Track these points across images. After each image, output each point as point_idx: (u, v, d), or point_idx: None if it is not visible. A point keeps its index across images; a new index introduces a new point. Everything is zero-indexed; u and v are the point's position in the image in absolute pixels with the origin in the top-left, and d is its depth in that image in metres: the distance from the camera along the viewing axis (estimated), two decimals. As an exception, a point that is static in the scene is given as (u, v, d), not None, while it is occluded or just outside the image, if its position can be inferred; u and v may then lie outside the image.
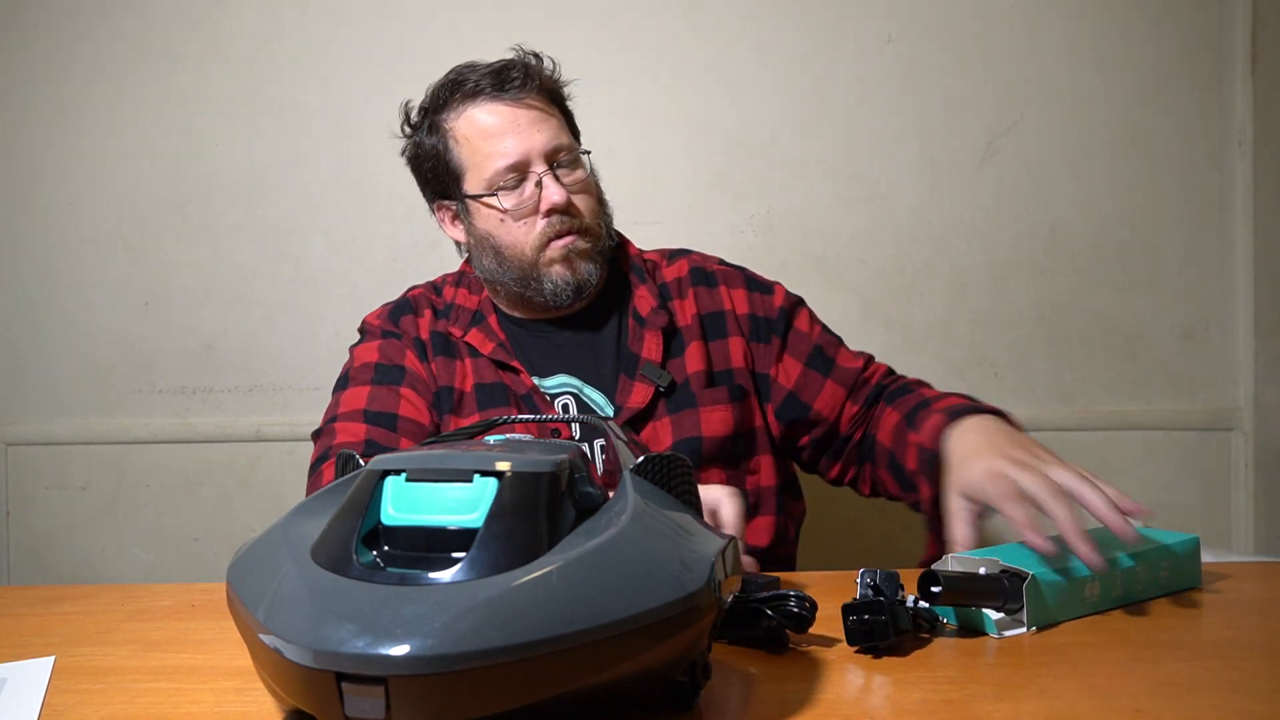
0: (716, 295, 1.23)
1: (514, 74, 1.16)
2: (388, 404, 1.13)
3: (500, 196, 1.14)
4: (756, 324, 1.22)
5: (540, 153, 1.14)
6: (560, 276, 1.15)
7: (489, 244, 1.17)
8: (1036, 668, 0.68)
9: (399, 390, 1.15)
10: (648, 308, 1.19)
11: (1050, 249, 1.75)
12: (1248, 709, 0.60)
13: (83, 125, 1.73)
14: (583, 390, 1.17)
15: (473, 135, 1.15)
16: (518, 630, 0.49)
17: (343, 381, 1.18)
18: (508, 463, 0.57)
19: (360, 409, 1.13)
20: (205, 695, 0.65)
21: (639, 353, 1.17)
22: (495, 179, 1.14)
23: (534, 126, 1.14)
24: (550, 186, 1.13)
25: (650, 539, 0.56)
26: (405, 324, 1.20)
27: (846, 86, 1.73)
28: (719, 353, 1.20)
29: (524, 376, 1.16)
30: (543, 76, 1.18)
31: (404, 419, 1.12)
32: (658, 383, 1.15)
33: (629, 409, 1.13)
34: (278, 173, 1.73)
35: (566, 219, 1.15)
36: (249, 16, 1.72)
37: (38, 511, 1.75)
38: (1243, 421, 1.75)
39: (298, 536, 0.58)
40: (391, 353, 1.18)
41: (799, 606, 0.70)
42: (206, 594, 0.92)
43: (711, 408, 1.15)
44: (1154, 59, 1.74)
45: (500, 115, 1.14)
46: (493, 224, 1.16)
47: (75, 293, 1.74)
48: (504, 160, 1.13)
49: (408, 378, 1.16)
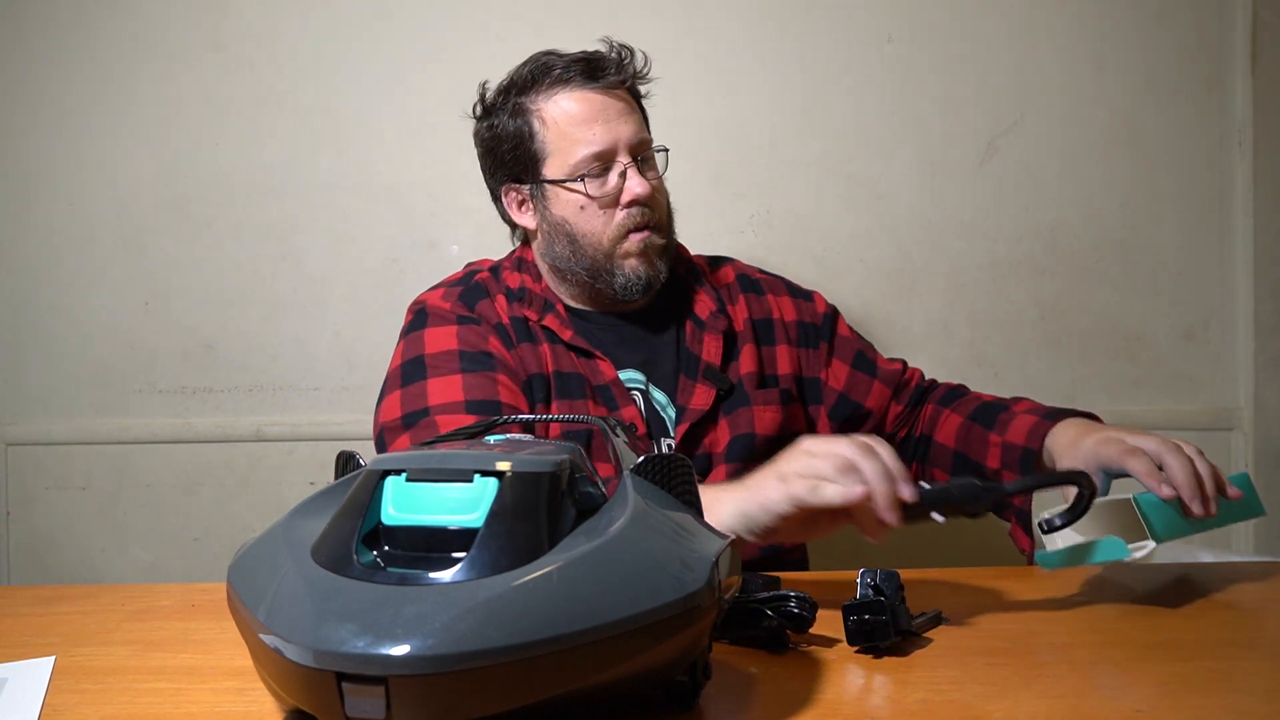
0: (765, 302, 1.25)
1: (608, 64, 1.16)
2: (488, 392, 1.08)
3: (585, 183, 1.13)
4: (805, 330, 1.25)
5: (627, 144, 1.14)
6: (634, 270, 1.15)
7: (564, 230, 1.15)
8: (1036, 668, 0.68)
9: (495, 377, 1.10)
10: (707, 311, 1.20)
11: (1050, 249, 1.75)
12: (1248, 709, 0.60)
13: (83, 125, 1.73)
14: (649, 387, 1.17)
15: (561, 120, 1.14)
16: (518, 630, 0.49)
17: (418, 369, 1.12)
18: (508, 463, 0.57)
19: (459, 400, 1.08)
20: (205, 695, 0.65)
21: (699, 354, 1.17)
22: (580, 165, 1.13)
23: (622, 118, 1.14)
24: (634, 178, 1.13)
25: (651, 539, 0.56)
26: (482, 308, 1.16)
27: (846, 86, 1.73)
28: (769, 358, 1.22)
29: (605, 366, 1.14)
30: (634, 72, 1.19)
31: (508, 407, 1.08)
32: (719, 386, 1.16)
33: (693, 410, 1.14)
34: (278, 173, 1.73)
35: (646, 211, 1.15)
36: (249, 16, 1.72)
37: (38, 511, 1.74)
38: (1243, 421, 1.74)
39: (298, 536, 0.58)
40: (473, 339, 1.13)
41: (799, 607, 0.70)
42: (206, 594, 0.92)
43: (764, 407, 1.17)
44: (1154, 59, 1.74)
45: (591, 103, 1.14)
46: (572, 211, 1.15)
47: (75, 293, 1.74)
48: (591, 148, 1.12)
49: (499, 364, 1.11)
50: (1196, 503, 0.85)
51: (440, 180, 1.71)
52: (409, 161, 1.72)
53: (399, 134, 1.72)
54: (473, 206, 1.72)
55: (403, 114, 1.72)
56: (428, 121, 1.71)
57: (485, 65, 1.72)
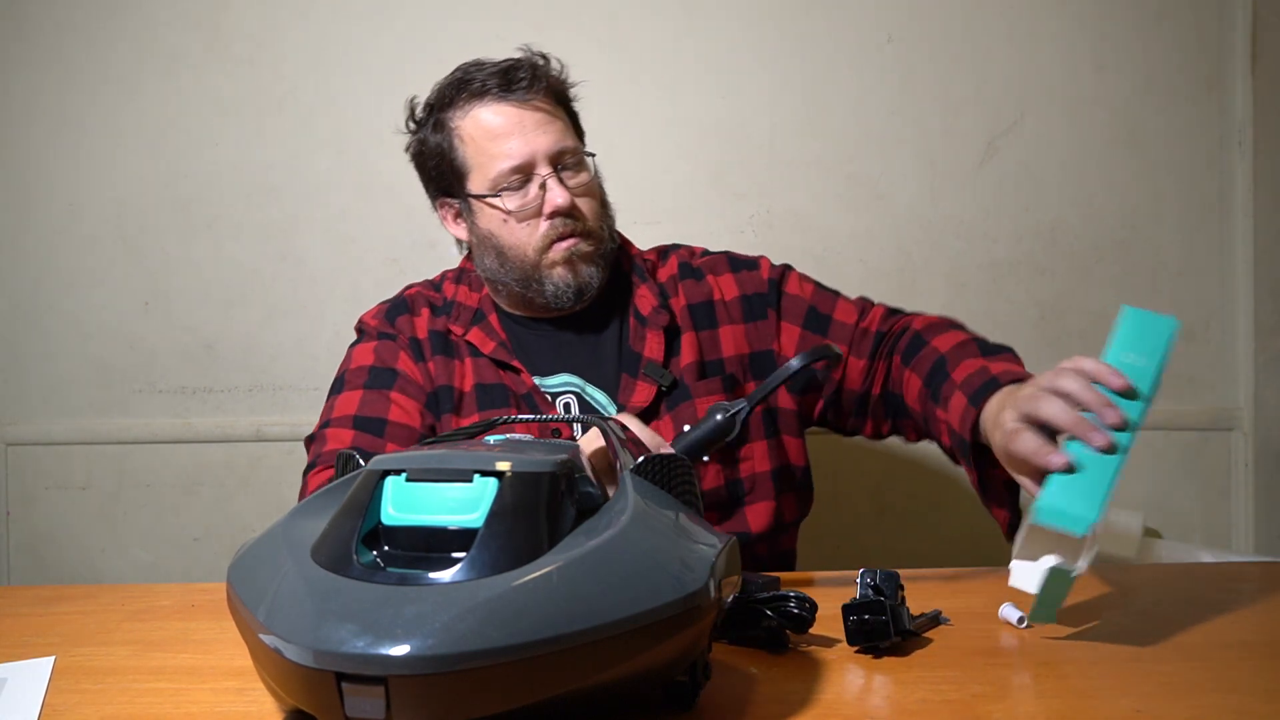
0: (705, 285, 1.23)
1: (521, 74, 1.15)
2: (377, 409, 1.13)
3: (504, 197, 1.14)
4: (749, 304, 1.22)
5: (545, 155, 1.14)
6: (562, 279, 1.15)
7: (491, 244, 1.17)
8: (1036, 668, 0.68)
9: (389, 395, 1.14)
10: (649, 307, 1.20)
11: (1050, 249, 1.75)
12: (1248, 709, 0.60)
13: (83, 125, 1.73)
14: (585, 389, 1.17)
15: (478, 135, 1.15)
16: (518, 630, 0.49)
17: (338, 385, 1.18)
18: (508, 463, 0.57)
19: (350, 414, 1.13)
20: (205, 695, 0.65)
21: (641, 351, 1.17)
22: (499, 180, 1.14)
23: (539, 128, 1.14)
24: (554, 189, 1.13)
25: (650, 539, 0.56)
26: (401, 324, 1.20)
27: (846, 86, 1.73)
28: (709, 343, 1.20)
29: (524, 376, 1.16)
30: (550, 77, 1.18)
31: (393, 424, 1.12)
32: (660, 382, 1.15)
33: (632, 407, 1.13)
34: (278, 173, 1.73)
35: (570, 221, 1.15)
36: (249, 16, 1.72)
37: (38, 511, 1.74)
38: (1243, 421, 1.74)
39: (298, 536, 0.58)
40: (386, 355, 1.18)
41: (799, 607, 0.70)
42: (206, 594, 0.92)
43: (705, 399, 1.15)
44: (1154, 59, 1.74)
45: (506, 116, 1.14)
46: (495, 224, 1.16)
47: (75, 293, 1.74)
48: (508, 161, 1.13)
49: (399, 381, 1.15)
50: (1096, 434, 0.76)
51: (440, 180, 1.71)
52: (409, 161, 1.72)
53: (399, 134, 1.72)
54: (473, 206, 1.72)
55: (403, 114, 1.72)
56: (428, 121, 1.71)
57: (485, 65, 1.73)
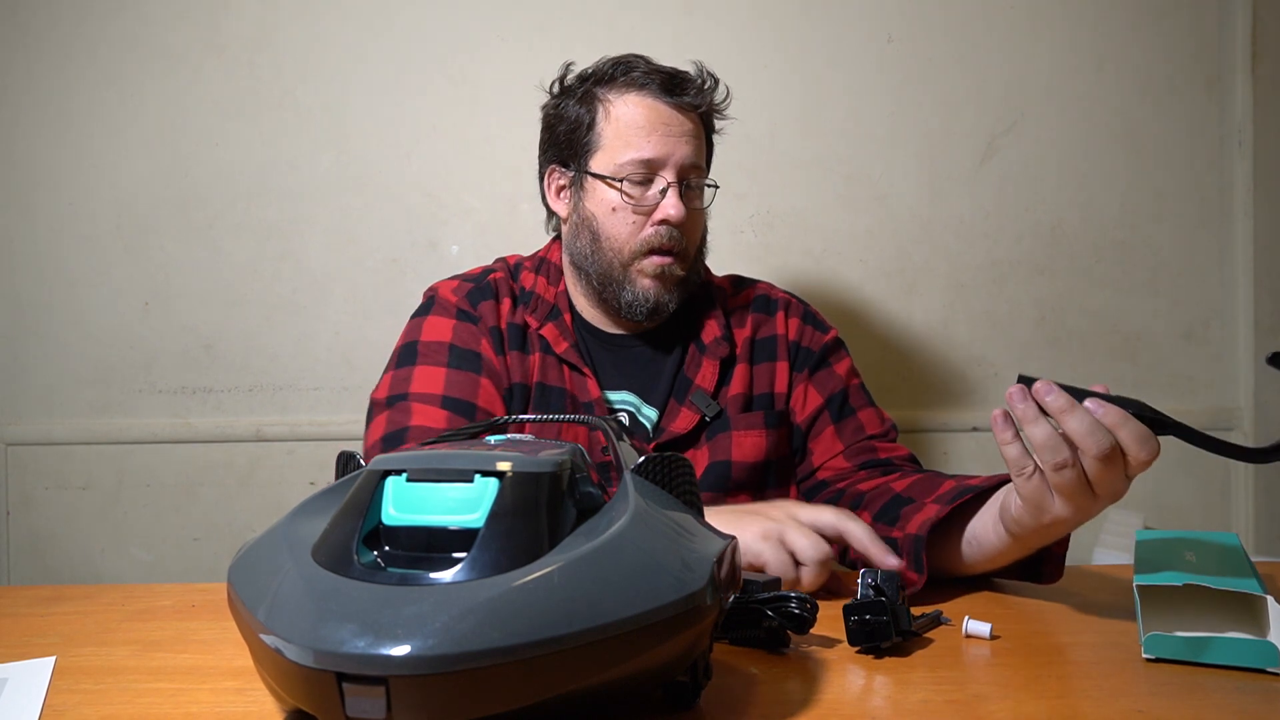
0: (772, 321, 1.23)
1: (688, 84, 1.15)
2: (467, 392, 1.10)
3: (625, 184, 1.13)
4: (798, 352, 1.22)
5: (677, 163, 1.13)
6: (645, 290, 1.14)
7: (590, 227, 1.15)
8: (1037, 668, 0.68)
9: (478, 379, 1.11)
10: (711, 336, 1.19)
11: (1050, 249, 1.75)
12: (1247, 709, 0.60)
13: (82, 125, 1.73)
14: (640, 409, 1.16)
15: (624, 117, 1.13)
16: (519, 630, 0.49)
17: (409, 353, 1.14)
18: (508, 463, 0.57)
19: (438, 393, 1.09)
20: (205, 695, 0.65)
21: (693, 379, 1.16)
22: (625, 167, 1.12)
23: (683, 137, 1.13)
24: (672, 199, 1.12)
25: (651, 539, 0.56)
26: (484, 309, 1.16)
27: (847, 86, 1.73)
28: (762, 376, 1.20)
29: (591, 384, 1.14)
30: (711, 101, 1.17)
31: (481, 409, 1.09)
32: (705, 411, 1.14)
33: (670, 432, 1.13)
34: (278, 173, 1.73)
35: (675, 236, 1.13)
36: (249, 16, 1.72)
37: (38, 511, 1.74)
38: (1243, 421, 1.74)
39: (298, 536, 0.58)
40: (466, 336, 1.14)
41: (800, 607, 0.70)
42: (206, 594, 0.92)
43: (745, 432, 1.14)
44: (1154, 59, 1.74)
45: (658, 113, 1.13)
46: (603, 209, 1.14)
47: (75, 293, 1.74)
48: (641, 153, 1.12)
49: (485, 367, 1.12)
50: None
51: (440, 180, 1.71)
52: (409, 161, 1.72)
53: (399, 134, 1.72)
54: (473, 206, 1.72)
55: (403, 114, 1.72)
56: (428, 121, 1.72)
57: (485, 65, 1.73)
